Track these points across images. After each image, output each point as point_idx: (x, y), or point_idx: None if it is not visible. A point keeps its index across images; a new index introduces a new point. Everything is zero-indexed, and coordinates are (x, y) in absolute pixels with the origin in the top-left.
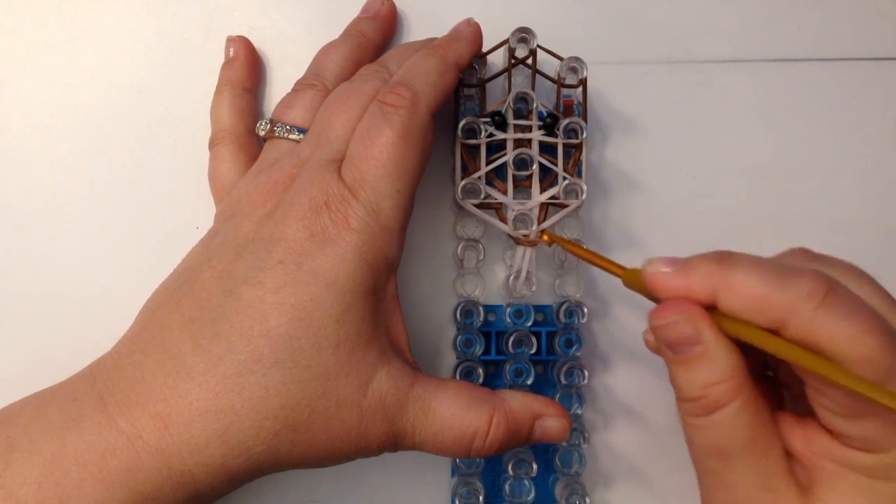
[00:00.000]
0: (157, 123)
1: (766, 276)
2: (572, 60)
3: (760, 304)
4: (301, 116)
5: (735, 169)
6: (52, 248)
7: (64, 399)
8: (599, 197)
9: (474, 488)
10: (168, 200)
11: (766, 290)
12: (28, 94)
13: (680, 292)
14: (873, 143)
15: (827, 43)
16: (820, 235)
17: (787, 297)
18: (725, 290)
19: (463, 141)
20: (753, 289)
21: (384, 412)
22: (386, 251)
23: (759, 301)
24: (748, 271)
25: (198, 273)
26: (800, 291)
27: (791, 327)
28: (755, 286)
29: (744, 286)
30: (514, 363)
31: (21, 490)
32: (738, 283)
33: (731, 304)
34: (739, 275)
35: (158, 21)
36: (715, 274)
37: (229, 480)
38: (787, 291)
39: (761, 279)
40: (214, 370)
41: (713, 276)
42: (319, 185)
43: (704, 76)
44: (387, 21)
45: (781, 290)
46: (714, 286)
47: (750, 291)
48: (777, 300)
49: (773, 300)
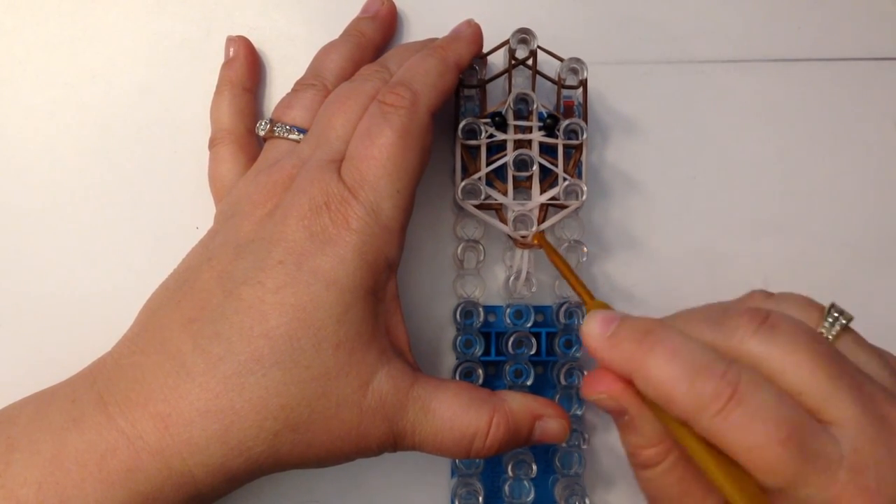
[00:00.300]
0: (157, 123)
1: (677, 370)
2: (572, 61)
3: (666, 398)
4: (301, 116)
5: (735, 169)
6: (52, 248)
7: (64, 399)
8: (599, 198)
9: (474, 489)
10: (168, 200)
11: (672, 386)
12: (28, 94)
13: (603, 363)
14: (873, 143)
15: (827, 43)
16: (820, 235)
17: (690, 397)
18: (639, 377)
19: (463, 142)
20: (662, 382)
21: (384, 412)
22: (386, 251)
23: (665, 395)
24: (664, 360)
25: (198, 273)
26: (704, 393)
27: (695, 426)
28: (664, 379)
29: (654, 376)
30: (514, 364)
31: (21, 490)
32: (651, 371)
33: (644, 389)
34: (654, 361)
35: (158, 21)
36: (634, 356)
37: (229, 480)
38: (692, 391)
39: (671, 372)
40: (214, 370)
41: (632, 359)
42: (319, 185)
43: (704, 76)
44: (387, 21)
45: (688, 388)
46: (630, 369)
47: (659, 385)
48: (681, 399)
49: (677, 398)
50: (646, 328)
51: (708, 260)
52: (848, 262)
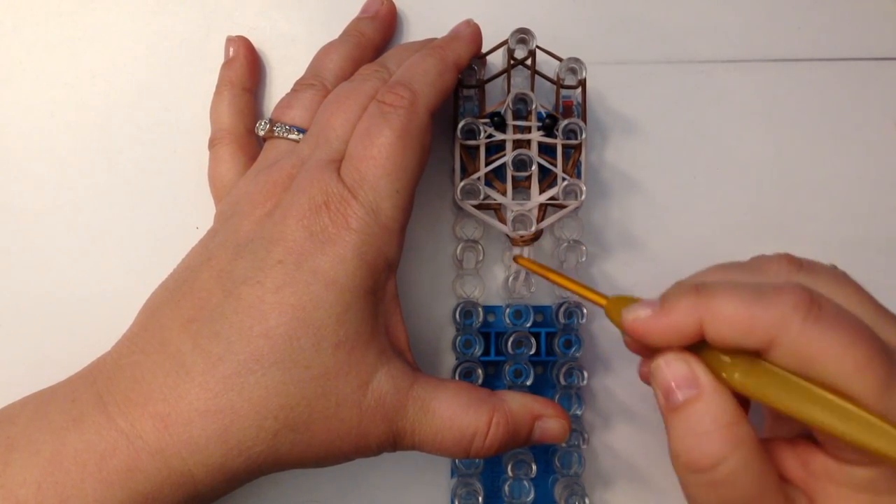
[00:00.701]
0: (157, 123)
1: (748, 298)
2: (571, 61)
3: (747, 325)
4: (300, 116)
5: (735, 169)
6: (52, 248)
7: (63, 399)
8: (599, 197)
9: (474, 489)
10: (168, 200)
11: (750, 312)
12: (28, 94)
13: (667, 333)
14: (873, 143)
15: (827, 43)
16: (820, 235)
17: (772, 314)
18: (710, 319)
19: (462, 142)
20: (738, 312)
21: (384, 412)
22: (385, 251)
23: (745, 323)
24: (729, 296)
25: (197, 273)
26: (784, 307)
27: (781, 344)
28: (739, 309)
29: (728, 311)
30: (514, 364)
31: (21, 490)
32: (721, 310)
33: (719, 331)
34: (720, 301)
35: (158, 21)
36: (696, 305)
37: (229, 480)
38: (771, 309)
39: (743, 302)
40: (214, 370)
41: (695, 309)
42: (319, 185)
43: (704, 76)
44: (386, 21)
45: (766, 309)
46: (698, 318)
47: (735, 315)
48: (763, 319)
49: (759, 320)
50: (694, 285)
51: (708, 260)
52: (848, 262)
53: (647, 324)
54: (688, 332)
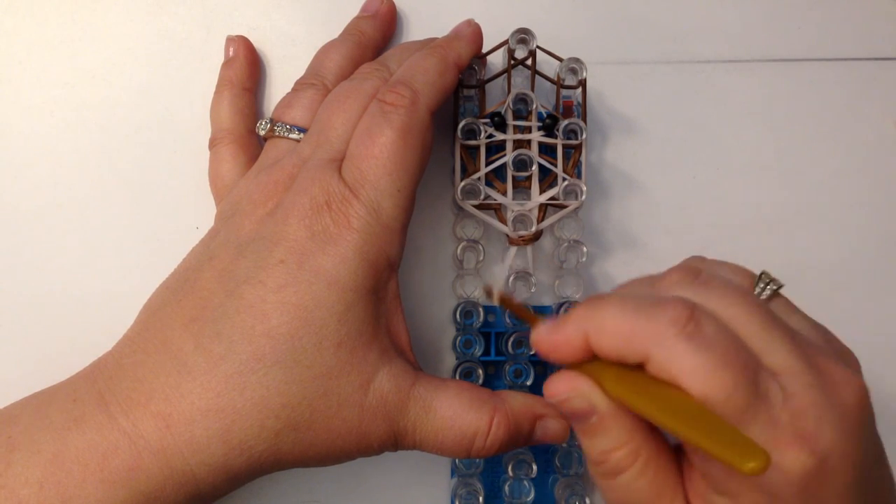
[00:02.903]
0: (157, 123)
1: (630, 310)
2: (572, 61)
3: (624, 338)
4: (301, 116)
5: (735, 169)
6: (52, 248)
7: (65, 399)
8: (599, 198)
9: (474, 489)
10: (168, 200)
11: (628, 324)
12: (28, 94)
13: (559, 346)
14: (873, 143)
15: (827, 43)
16: (819, 235)
17: (648, 327)
18: (593, 331)
19: (462, 142)
20: (617, 325)
21: (385, 411)
22: (387, 250)
23: (622, 336)
24: (613, 308)
25: (199, 272)
26: (660, 321)
27: (654, 359)
28: (619, 321)
29: (609, 323)
30: (514, 364)
31: (23, 490)
32: (604, 321)
33: (600, 343)
34: (605, 313)
35: (158, 21)
36: (584, 319)
37: (231, 480)
38: (648, 322)
39: (625, 314)
40: (216, 369)
41: (583, 321)
42: (320, 184)
43: (704, 76)
44: (386, 20)
45: (644, 322)
46: (584, 330)
47: (614, 327)
48: (639, 332)
49: (635, 333)
50: (589, 299)
51: None
52: (848, 262)
53: (544, 339)
54: (578, 345)
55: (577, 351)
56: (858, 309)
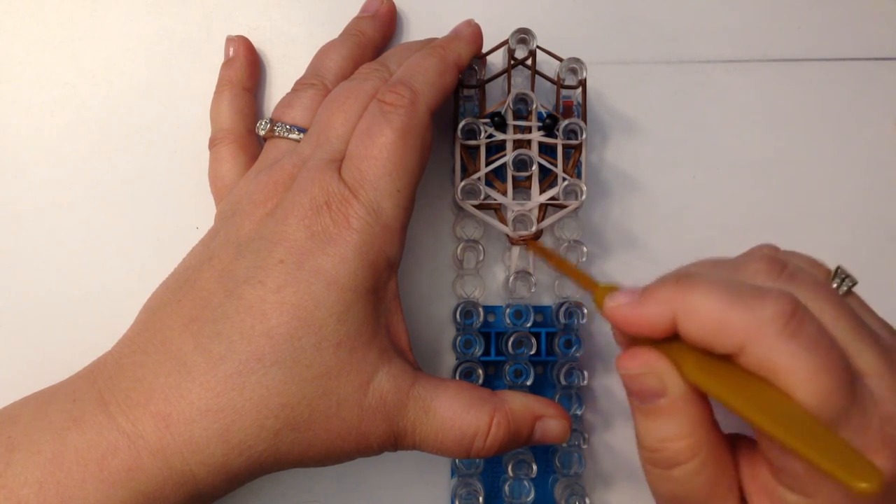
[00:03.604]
0: (157, 123)
1: (726, 298)
2: (572, 61)
3: (719, 326)
4: (301, 116)
5: (735, 169)
6: (52, 248)
7: (65, 399)
8: (599, 197)
9: (474, 489)
10: (168, 200)
11: (725, 313)
12: (28, 94)
13: (640, 322)
14: (873, 143)
15: (827, 43)
16: (820, 235)
17: (747, 319)
18: (684, 314)
19: (462, 142)
20: (712, 311)
21: (385, 411)
22: (387, 250)
23: (717, 323)
24: (707, 293)
25: (199, 272)
26: (762, 315)
27: (750, 352)
28: (714, 308)
29: (702, 308)
30: (514, 364)
31: (22, 490)
32: (697, 306)
33: (690, 328)
34: (698, 297)
35: (158, 21)
36: (673, 298)
37: (230, 480)
38: (748, 313)
39: (721, 301)
40: (215, 369)
41: (671, 301)
42: (320, 184)
43: (704, 76)
44: (386, 20)
45: (742, 312)
46: (673, 311)
47: (709, 314)
48: (737, 322)
49: (732, 322)
50: (677, 276)
51: None
52: (848, 262)
53: (625, 312)
54: (663, 324)
55: (660, 330)
56: None
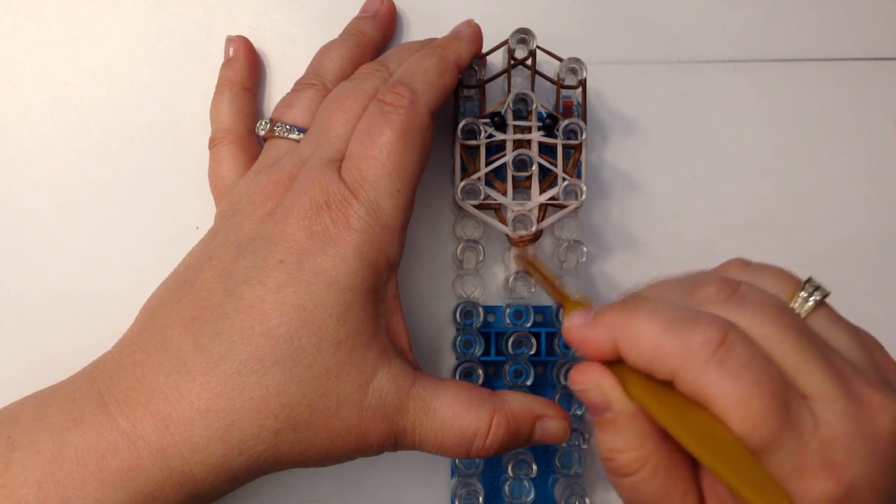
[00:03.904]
0: (157, 123)
1: (661, 325)
2: (572, 61)
3: (653, 353)
4: (301, 116)
5: (735, 169)
6: (52, 248)
7: (64, 399)
8: (599, 198)
9: (474, 489)
10: (168, 200)
11: (658, 340)
12: (28, 94)
13: (588, 345)
14: (873, 143)
15: (827, 43)
16: (819, 235)
17: (678, 347)
18: (623, 340)
19: (462, 142)
20: (647, 338)
21: (384, 411)
22: (387, 251)
23: (651, 351)
24: (645, 319)
25: (198, 272)
26: (692, 342)
27: (681, 379)
28: (649, 335)
29: (639, 335)
30: (514, 364)
31: (22, 490)
32: (635, 332)
33: (628, 354)
34: (636, 323)
35: (158, 21)
36: (615, 323)
37: (230, 480)
38: (678, 341)
39: (656, 327)
40: (215, 369)
41: (614, 326)
42: (320, 184)
43: (704, 76)
44: (386, 20)
45: (673, 340)
46: (614, 336)
47: (644, 341)
48: (668, 350)
49: (664, 350)
50: (624, 301)
51: (708, 260)
52: (848, 262)
53: (576, 334)
54: (608, 348)
55: (606, 353)
56: (858, 309)
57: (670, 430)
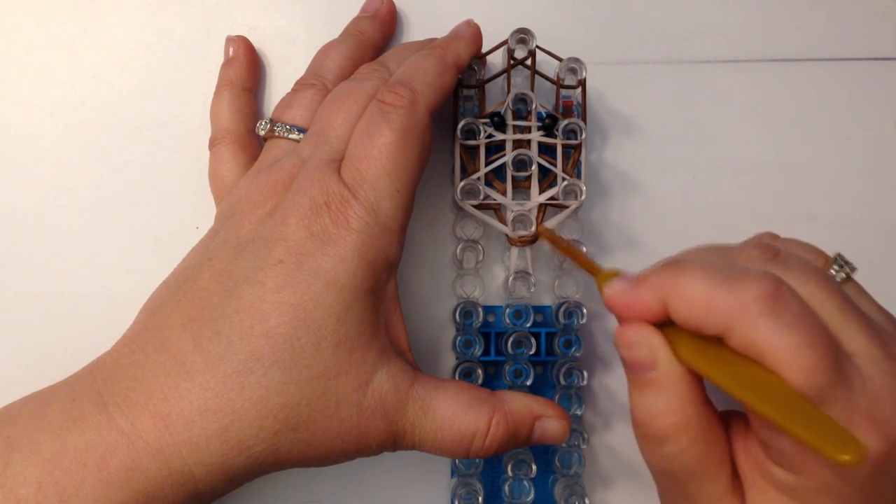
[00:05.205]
0: (157, 123)
1: (713, 281)
2: (571, 61)
3: (705, 309)
4: (301, 116)
5: (735, 169)
6: (52, 248)
7: (64, 398)
8: (599, 198)
9: (474, 489)
10: (168, 200)
11: (711, 295)
12: (28, 94)
13: (634, 307)
14: (873, 143)
15: (827, 43)
16: (819, 235)
17: (732, 301)
18: (673, 297)
19: (462, 142)
20: (699, 294)
21: (384, 411)
22: (386, 251)
23: (704, 306)
24: (695, 276)
25: (198, 272)
26: (745, 296)
27: (736, 333)
28: (701, 291)
29: (690, 292)
30: (514, 364)
31: (21, 490)
32: (685, 289)
33: (679, 311)
34: (686, 280)
35: (158, 21)
36: (663, 283)
37: (229, 480)
38: (732, 295)
39: (707, 284)
40: (214, 369)
41: (662, 286)
42: (319, 184)
43: (704, 76)
44: (386, 20)
45: (726, 294)
46: (663, 295)
47: (696, 297)
48: (722, 304)
49: (717, 305)
50: (668, 261)
51: None
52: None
53: (620, 299)
54: (655, 308)
55: (654, 314)
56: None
57: (723, 385)
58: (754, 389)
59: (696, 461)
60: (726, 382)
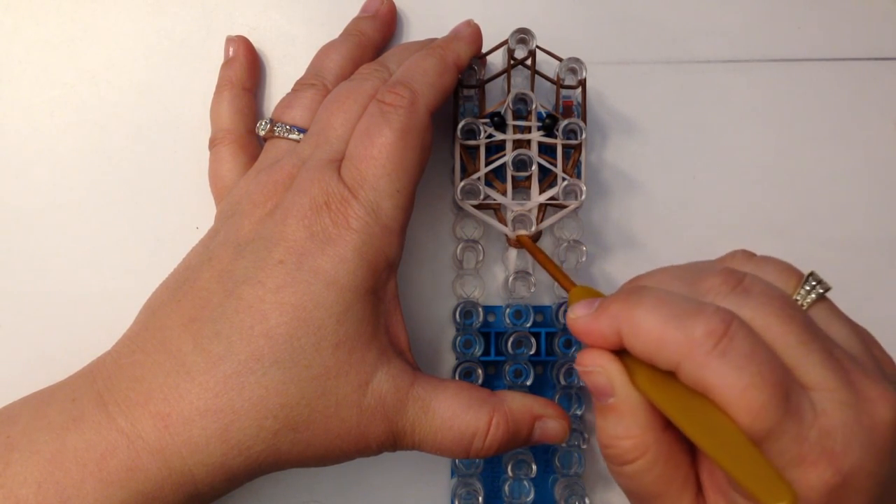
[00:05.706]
0: (157, 123)
1: (665, 316)
2: (571, 61)
3: (657, 344)
4: (301, 116)
5: (735, 169)
6: (52, 248)
7: (64, 398)
8: (599, 198)
9: (474, 489)
10: (168, 200)
11: (662, 330)
12: (28, 94)
13: (592, 335)
14: (873, 143)
15: (827, 43)
16: (820, 235)
17: (681, 337)
18: (628, 330)
19: (462, 142)
20: (651, 328)
21: (384, 412)
22: (386, 251)
23: (655, 342)
24: (648, 310)
25: (198, 272)
26: (695, 333)
27: (684, 370)
28: (653, 326)
29: (644, 325)
30: (514, 364)
31: (21, 490)
32: (640, 323)
33: (633, 345)
34: (640, 313)
35: (158, 21)
36: (619, 314)
37: (229, 480)
38: (682, 332)
39: (660, 318)
40: (214, 370)
41: (618, 317)
42: (319, 185)
43: (704, 76)
44: (386, 20)
45: (676, 331)
46: (619, 327)
47: (648, 331)
48: (672, 341)
49: (668, 340)
50: (628, 290)
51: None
52: (848, 262)
53: (581, 325)
54: (613, 338)
55: (611, 344)
56: (858, 309)
57: (674, 420)
58: (702, 427)
59: (655, 483)
60: (676, 416)
